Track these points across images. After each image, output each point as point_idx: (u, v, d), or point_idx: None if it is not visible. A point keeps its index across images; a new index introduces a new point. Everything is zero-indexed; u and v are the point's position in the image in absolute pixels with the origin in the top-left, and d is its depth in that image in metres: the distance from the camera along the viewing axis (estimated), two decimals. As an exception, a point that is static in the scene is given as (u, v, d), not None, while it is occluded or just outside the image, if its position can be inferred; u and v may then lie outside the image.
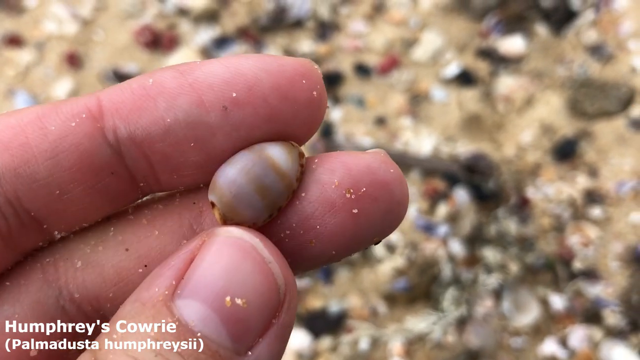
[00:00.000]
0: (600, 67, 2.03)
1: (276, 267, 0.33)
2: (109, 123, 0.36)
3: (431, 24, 2.19)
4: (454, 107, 2.00)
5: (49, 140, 0.35)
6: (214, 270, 0.32)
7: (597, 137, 1.90)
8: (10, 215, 0.36)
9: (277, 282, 0.33)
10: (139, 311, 0.32)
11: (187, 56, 2.14)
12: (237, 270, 0.32)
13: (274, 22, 2.21)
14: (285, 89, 0.35)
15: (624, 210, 1.77)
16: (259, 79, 0.35)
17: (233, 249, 0.33)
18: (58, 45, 2.22)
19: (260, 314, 0.32)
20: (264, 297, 0.32)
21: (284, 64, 0.36)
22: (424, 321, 1.62)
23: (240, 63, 0.35)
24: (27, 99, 2.10)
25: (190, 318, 0.31)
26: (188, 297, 0.32)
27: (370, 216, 0.37)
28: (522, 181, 1.85)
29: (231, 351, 0.31)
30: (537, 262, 1.70)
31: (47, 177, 0.35)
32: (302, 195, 0.37)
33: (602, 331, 1.60)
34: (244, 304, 0.31)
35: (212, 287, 0.32)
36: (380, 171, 0.37)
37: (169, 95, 0.35)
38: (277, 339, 0.33)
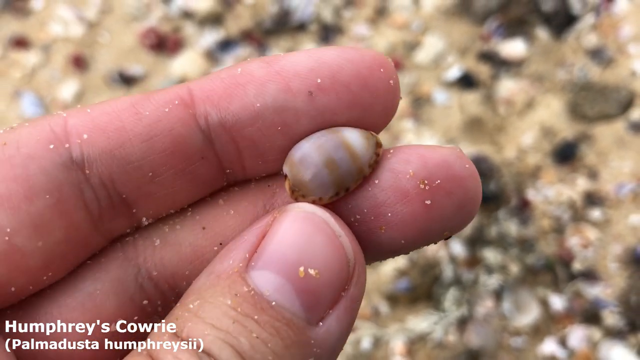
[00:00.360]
0: (601, 70, 2.04)
1: (346, 241, 0.34)
2: (200, 109, 0.37)
3: (433, 27, 2.21)
4: (455, 110, 2.02)
5: (143, 124, 0.37)
6: (287, 243, 0.33)
7: (597, 139, 1.91)
8: (103, 198, 0.37)
9: (347, 256, 0.34)
10: (214, 283, 0.33)
11: (191, 59, 2.16)
12: (309, 242, 0.33)
13: (277, 25, 2.22)
14: (365, 77, 0.37)
15: (623, 213, 1.79)
16: (341, 67, 0.36)
17: (305, 223, 0.34)
18: (64, 47, 2.24)
19: (331, 286, 0.33)
20: (335, 270, 0.33)
21: (364, 54, 0.37)
22: (425, 321, 1.63)
23: (324, 53, 0.37)
24: (34, 101, 2.12)
25: (265, 287, 0.32)
26: (262, 268, 0.33)
27: (443, 209, 0.38)
28: (522, 183, 1.86)
29: (304, 321, 0.32)
30: (537, 263, 1.71)
31: (140, 160, 0.37)
32: (375, 182, 0.38)
33: (601, 331, 1.62)
34: (317, 274, 0.32)
35: (286, 258, 0.33)
36: (456, 165, 0.38)
37: (258, 82, 0.37)
38: (346, 311, 0.34)
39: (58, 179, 0.36)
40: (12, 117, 2.11)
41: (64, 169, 0.36)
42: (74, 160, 0.36)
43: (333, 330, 0.33)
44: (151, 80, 2.16)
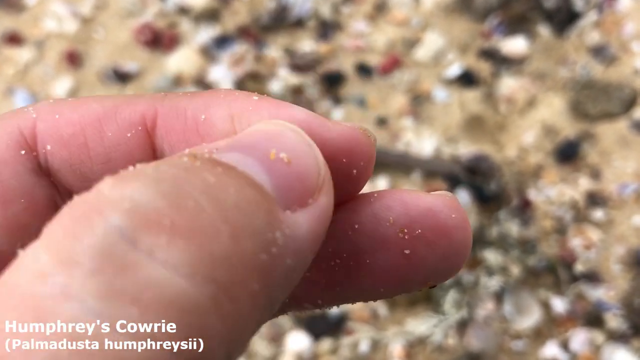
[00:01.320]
0: (603, 68, 2.02)
1: (317, 151, 0.31)
2: (159, 140, 0.36)
3: (433, 24, 2.18)
4: (455, 107, 1.99)
5: (104, 145, 0.36)
6: (259, 133, 0.31)
7: (600, 139, 1.89)
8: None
9: (317, 161, 0.31)
10: (188, 165, 0.30)
11: (187, 55, 2.13)
12: (283, 135, 0.31)
13: (275, 21, 2.19)
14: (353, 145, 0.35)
15: (627, 213, 1.76)
16: (358, 139, 0.35)
17: (278, 124, 0.32)
18: (58, 43, 2.21)
19: (300, 182, 0.30)
20: (306, 166, 0.30)
21: (356, 131, 0.36)
22: (424, 324, 1.61)
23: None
24: (27, 98, 2.09)
25: (237, 164, 0.29)
26: (232, 151, 0.30)
27: (424, 260, 0.35)
28: (523, 183, 1.84)
29: (273, 198, 0.29)
30: (538, 264, 1.69)
31: (98, 178, 0.33)
32: (355, 227, 0.36)
33: (603, 335, 1.60)
34: (288, 160, 0.30)
35: (255, 142, 0.30)
36: (441, 215, 0.35)
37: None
38: (313, 217, 0.30)
39: (30, 183, 0.36)
40: (5, 115, 2.08)
41: (35, 174, 0.36)
42: (41, 166, 0.36)
43: (300, 227, 0.29)
44: (146, 77, 2.13)
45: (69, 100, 0.37)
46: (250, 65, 2.11)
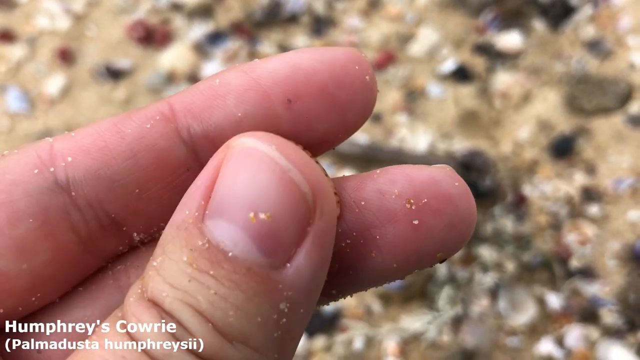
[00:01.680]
0: (599, 63, 2.01)
1: (297, 174, 0.32)
2: (182, 122, 0.37)
3: (427, 19, 2.17)
4: (450, 103, 1.98)
5: (126, 142, 0.37)
6: (236, 186, 0.32)
7: (595, 134, 1.88)
8: (91, 219, 0.37)
9: (301, 190, 0.32)
10: (173, 235, 0.32)
11: (180, 52, 2.12)
12: (256, 183, 0.31)
13: (268, 17, 2.18)
14: (341, 77, 0.37)
15: (622, 208, 1.76)
16: (316, 70, 0.36)
17: (250, 160, 0.32)
18: (50, 40, 2.20)
19: (289, 225, 0.31)
20: (288, 207, 0.31)
21: (337, 54, 0.37)
22: (419, 320, 1.60)
23: (299, 57, 0.37)
24: (19, 95, 2.07)
25: (221, 239, 0.31)
26: (215, 217, 0.31)
27: (432, 229, 0.36)
28: (518, 178, 1.83)
29: (266, 267, 0.31)
30: (533, 260, 1.68)
31: (126, 177, 0.37)
32: (362, 204, 0.37)
33: (599, 330, 1.59)
34: (269, 217, 0.31)
35: (236, 204, 0.31)
36: (444, 183, 0.37)
37: (237, 92, 0.37)
38: (315, 245, 0.32)
39: (43, 202, 0.36)
40: (-2, 112, 2.07)
41: (49, 192, 0.36)
42: (59, 183, 0.36)
43: (303, 268, 0.31)
44: (139, 74, 2.11)
45: (82, 126, 0.39)
46: (244, 61, 2.10)
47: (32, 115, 2.05)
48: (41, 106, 2.06)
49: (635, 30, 2.03)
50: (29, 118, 2.04)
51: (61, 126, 2.00)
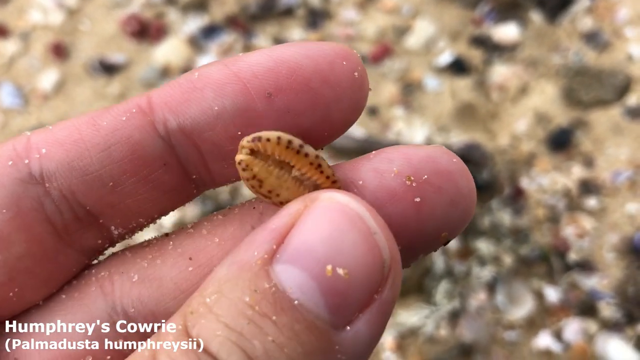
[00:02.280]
0: (596, 54, 1.99)
1: (382, 239, 0.31)
2: (158, 116, 0.37)
3: (424, 11, 2.15)
4: (447, 96, 1.97)
5: (101, 134, 0.37)
6: (317, 237, 0.31)
7: (593, 126, 1.86)
8: (66, 210, 0.37)
9: (382, 256, 0.31)
10: (235, 275, 0.31)
11: (175, 46, 2.11)
12: (341, 238, 0.30)
13: (263, 10, 2.17)
14: (326, 72, 0.35)
15: (620, 201, 1.75)
16: (300, 64, 0.35)
17: (338, 215, 0.31)
18: (43, 35, 2.18)
19: (362, 288, 0.30)
20: (367, 270, 0.30)
21: (324, 48, 0.36)
22: (416, 315, 1.59)
23: (283, 51, 0.36)
24: (12, 91, 2.06)
25: (289, 284, 0.30)
26: (287, 263, 0.30)
27: (435, 207, 0.36)
28: (516, 171, 1.82)
29: (328, 324, 0.30)
30: (531, 253, 1.67)
31: (99, 169, 0.36)
32: (360, 183, 0.36)
33: (597, 324, 1.58)
34: (346, 274, 0.30)
35: (314, 254, 0.30)
36: (442, 160, 0.36)
37: (215, 85, 0.36)
38: (378, 315, 0.31)
39: (16, 193, 0.36)
40: (-9, 108, 2.05)
41: (22, 183, 0.36)
42: (33, 174, 0.36)
43: (361, 336, 0.30)
44: (133, 69, 2.10)
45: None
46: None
47: (25, 111, 2.03)
48: (35, 101, 2.05)
49: (633, 21, 2.02)
50: (22, 114, 2.03)
51: (55, 121, 1.98)
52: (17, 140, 0.38)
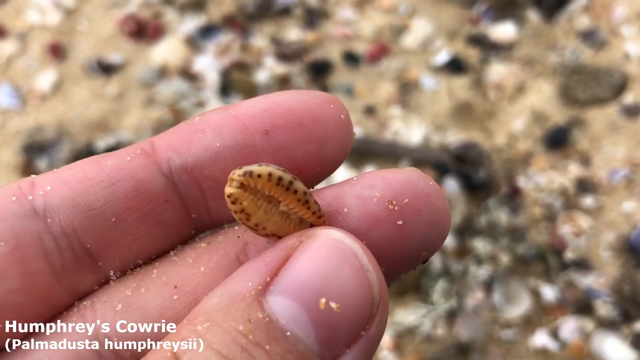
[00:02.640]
0: (593, 53, 2.00)
1: (374, 277, 0.33)
2: (162, 155, 0.39)
3: (421, 10, 2.15)
4: (444, 95, 1.97)
5: (105, 172, 0.38)
6: (311, 270, 0.32)
7: (590, 124, 1.87)
8: (65, 249, 0.38)
9: (372, 292, 0.32)
10: (227, 304, 0.32)
11: (172, 46, 2.11)
12: (335, 273, 0.32)
13: (260, 10, 2.17)
14: (316, 113, 0.38)
15: (616, 199, 1.75)
16: (293, 106, 0.38)
17: (332, 251, 0.33)
18: (41, 35, 2.18)
19: (352, 323, 0.31)
20: (358, 306, 0.32)
21: (314, 94, 0.39)
22: (413, 314, 1.60)
23: (277, 96, 0.39)
24: (10, 91, 2.06)
25: (282, 315, 0.31)
26: (281, 294, 0.31)
27: (416, 228, 0.37)
28: (513, 170, 1.82)
29: (317, 356, 0.31)
30: (528, 252, 1.68)
31: (103, 205, 0.38)
32: (345, 211, 0.38)
33: (593, 322, 1.59)
34: (338, 308, 0.31)
35: (307, 287, 0.31)
36: (420, 183, 0.38)
37: (216, 126, 0.39)
38: (363, 352, 0.32)
39: (16, 227, 0.36)
40: (-11, 109, 2.06)
41: (24, 218, 0.37)
42: (36, 210, 0.37)
43: None
44: (131, 69, 2.10)
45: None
46: (236, 54, 2.09)
47: (23, 112, 2.03)
48: (32, 102, 2.05)
49: (630, 20, 2.02)
50: (20, 114, 2.03)
51: (53, 122, 1.99)
52: (22, 181, 0.38)
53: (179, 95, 1.99)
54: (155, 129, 1.93)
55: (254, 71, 2.06)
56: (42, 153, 1.93)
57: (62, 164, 1.87)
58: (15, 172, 1.92)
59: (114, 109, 2.02)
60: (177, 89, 2.00)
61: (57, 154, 1.93)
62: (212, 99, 1.99)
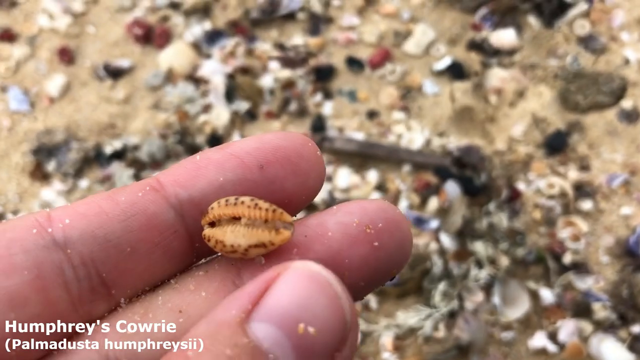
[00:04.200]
0: (593, 59, 2.02)
1: (346, 304, 0.36)
2: (169, 190, 0.44)
3: (423, 16, 2.18)
4: (445, 100, 2.00)
5: (120, 207, 0.42)
6: (291, 298, 0.35)
7: (589, 129, 1.89)
8: (83, 278, 0.41)
9: (345, 318, 0.36)
10: (215, 331, 0.35)
11: (179, 50, 2.14)
12: (312, 301, 0.35)
13: (265, 15, 2.19)
14: (300, 150, 0.45)
15: (615, 204, 1.77)
16: (280, 145, 0.44)
17: (310, 281, 0.36)
18: (50, 39, 2.22)
19: (327, 346, 0.35)
20: (333, 330, 0.35)
21: (295, 135, 0.46)
22: (415, 316, 1.63)
23: (265, 136, 0.45)
24: (19, 95, 2.09)
25: (264, 339, 0.34)
26: (263, 321, 0.35)
27: (388, 248, 0.44)
28: (513, 174, 1.85)
29: None
30: (527, 256, 1.70)
31: (119, 237, 0.41)
32: (329, 235, 0.43)
33: (592, 325, 1.61)
34: (315, 333, 0.34)
35: (287, 313, 0.35)
36: (390, 211, 0.44)
37: (217, 163, 0.44)
38: None
39: (38, 258, 0.39)
40: (-1, 112, 2.09)
41: (45, 249, 0.40)
42: (56, 241, 0.40)
43: None
44: (138, 73, 2.13)
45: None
46: (242, 59, 2.12)
47: (32, 115, 2.07)
48: (41, 105, 2.08)
49: (630, 25, 2.04)
50: (29, 117, 2.06)
51: (61, 125, 2.02)
52: (38, 214, 0.41)
53: (185, 100, 2.02)
54: (161, 133, 1.96)
55: (259, 76, 2.09)
56: (50, 156, 1.97)
57: (71, 167, 1.91)
58: (24, 174, 1.95)
59: (121, 112, 2.05)
60: (183, 93, 2.03)
61: (65, 157, 1.96)
62: (217, 103, 2.01)
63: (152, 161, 1.91)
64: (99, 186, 1.91)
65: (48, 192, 1.91)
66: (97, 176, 1.95)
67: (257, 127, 2.00)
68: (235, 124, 2.00)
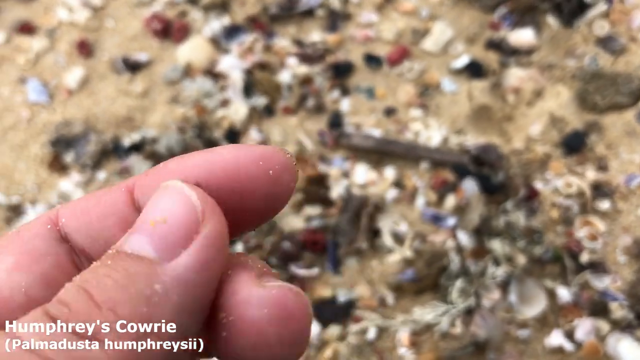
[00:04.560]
0: (612, 59, 2.02)
1: (193, 194, 0.39)
2: (136, 194, 0.45)
3: (442, 14, 2.18)
4: (463, 98, 2.00)
5: (101, 207, 0.45)
6: (147, 208, 0.40)
7: (608, 130, 1.89)
8: (87, 263, 0.45)
9: (193, 204, 0.39)
10: (103, 260, 0.39)
11: (197, 45, 2.15)
12: (160, 200, 0.40)
13: (284, 11, 2.20)
14: (274, 155, 0.45)
15: (633, 204, 1.77)
16: (270, 156, 0.45)
17: (166, 190, 0.40)
18: (69, 32, 2.23)
19: (179, 229, 0.38)
20: (180, 215, 0.38)
21: (268, 148, 0.46)
22: (431, 312, 1.63)
23: (239, 146, 0.46)
24: (38, 87, 2.11)
25: (127, 246, 0.38)
26: (132, 234, 0.39)
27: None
28: (530, 173, 1.85)
29: (156, 259, 0.37)
30: (544, 254, 1.70)
31: (105, 232, 0.45)
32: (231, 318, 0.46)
33: (609, 324, 1.61)
34: (164, 221, 0.38)
35: (143, 218, 0.39)
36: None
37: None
38: (202, 248, 0.38)
39: (55, 247, 0.45)
40: (18, 103, 2.10)
41: (58, 242, 0.45)
42: (63, 236, 0.45)
43: (184, 264, 0.37)
44: (157, 67, 2.14)
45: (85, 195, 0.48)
46: (260, 55, 2.12)
47: (50, 107, 2.08)
48: (60, 97, 2.10)
49: (649, 27, 2.04)
50: (47, 109, 2.07)
51: (79, 117, 2.03)
52: (51, 212, 0.46)
53: (204, 94, 2.03)
54: (179, 127, 1.97)
55: (277, 72, 2.09)
56: (69, 147, 1.98)
57: (89, 158, 1.92)
58: (42, 165, 1.97)
59: (139, 105, 2.06)
60: (201, 88, 2.04)
61: (83, 148, 1.97)
62: (235, 98, 2.02)
63: (170, 154, 1.92)
64: (117, 178, 1.92)
65: (66, 183, 1.92)
66: (115, 168, 1.96)
67: (274, 123, 2.00)
68: (253, 119, 2.01)
